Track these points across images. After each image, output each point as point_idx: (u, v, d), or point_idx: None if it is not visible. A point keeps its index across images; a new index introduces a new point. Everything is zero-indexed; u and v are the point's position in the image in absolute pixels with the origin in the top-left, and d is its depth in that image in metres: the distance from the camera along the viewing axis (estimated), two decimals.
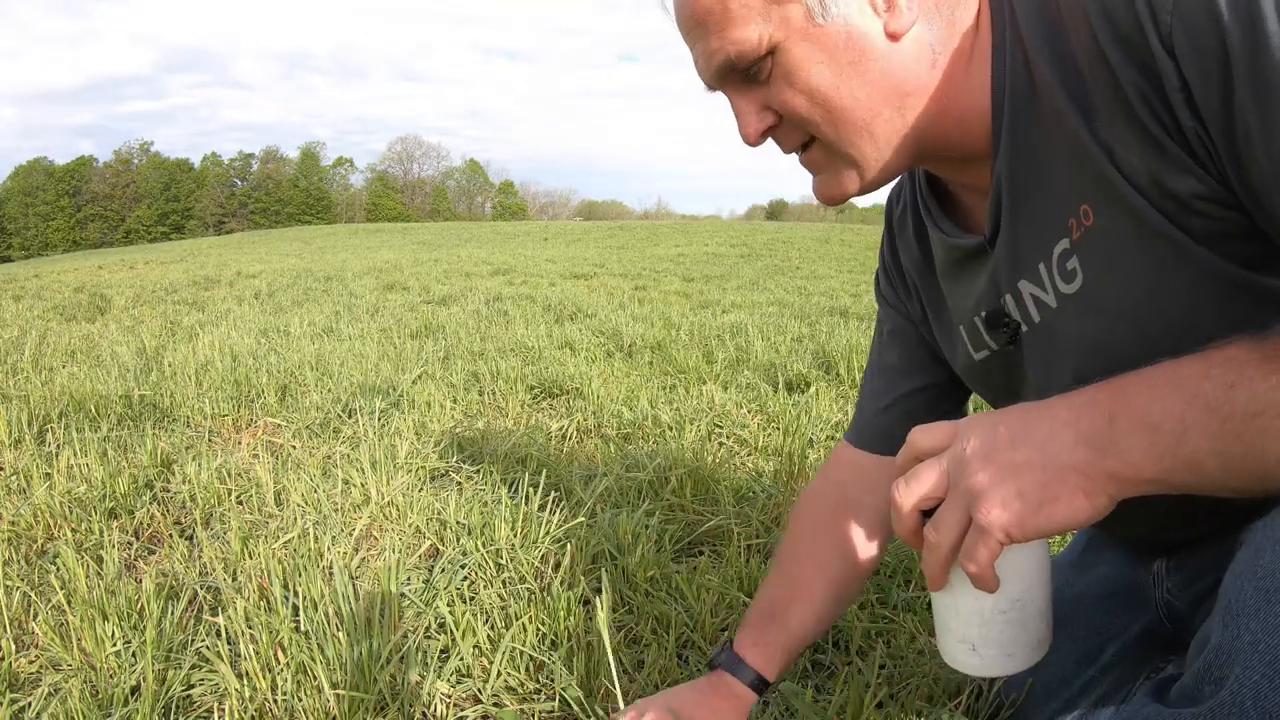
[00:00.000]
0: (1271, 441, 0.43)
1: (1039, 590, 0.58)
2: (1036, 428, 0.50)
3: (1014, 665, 0.59)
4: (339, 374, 2.63)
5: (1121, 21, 0.50)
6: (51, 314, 5.11)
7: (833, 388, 2.45)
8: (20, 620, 1.09)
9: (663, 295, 5.67)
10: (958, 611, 0.58)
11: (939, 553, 0.53)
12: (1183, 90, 0.48)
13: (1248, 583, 0.45)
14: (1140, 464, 0.46)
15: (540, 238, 20.01)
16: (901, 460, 0.57)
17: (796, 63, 0.59)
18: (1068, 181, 0.57)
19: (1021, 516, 0.49)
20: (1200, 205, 0.51)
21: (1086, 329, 0.61)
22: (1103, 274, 0.58)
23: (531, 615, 1.07)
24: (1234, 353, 0.45)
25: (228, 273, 8.69)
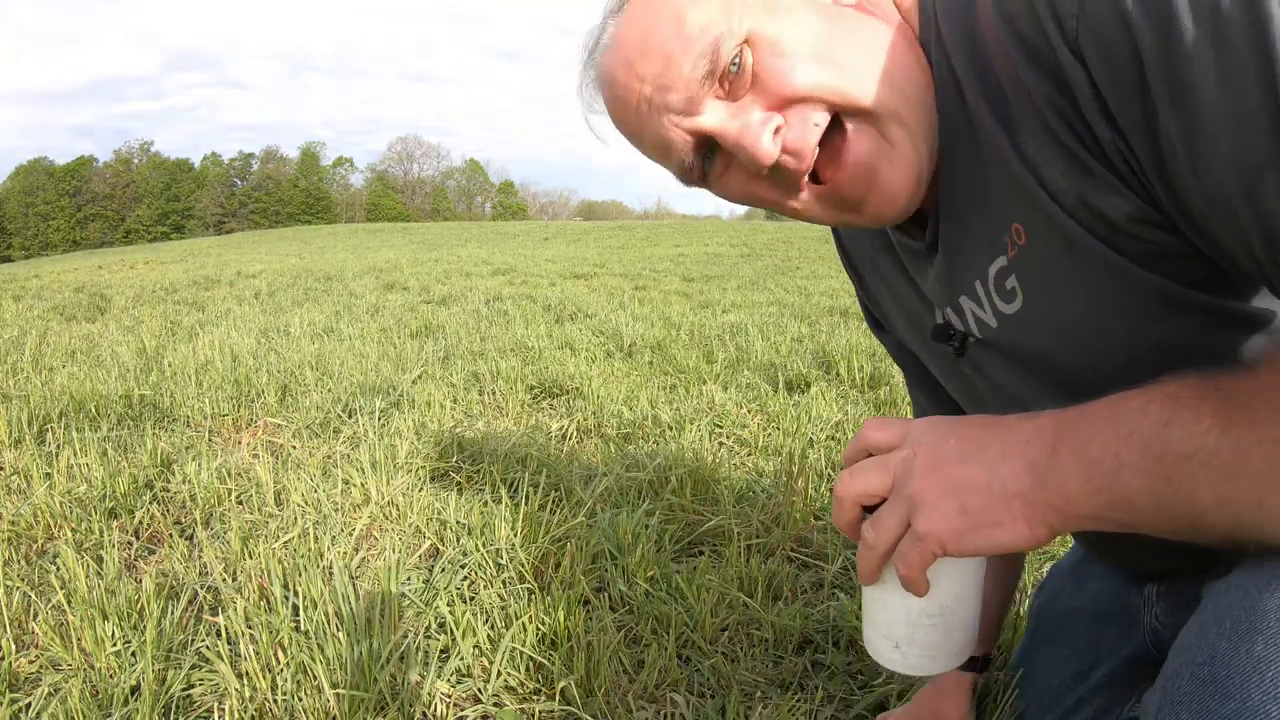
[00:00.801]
0: (1199, 487, 0.41)
1: (969, 600, 0.58)
2: (989, 447, 0.49)
3: (935, 667, 0.59)
4: (339, 374, 2.63)
5: (1026, 31, 0.47)
6: (52, 314, 5.11)
7: (833, 388, 2.45)
8: (20, 620, 1.09)
9: (663, 295, 5.66)
10: (885, 608, 0.59)
11: (874, 552, 0.53)
12: (1096, 100, 0.45)
13: (1185, 668, 0.43)
14: (1077, 498, 0.45)
15: (540, 238, 20.00)
16: (850, 451, 0.58)
17: (778, 33, 0.55)
18: (1001, 200, 0.54)
19: (960, 533, 0.49)
20: (1132, 227, 0.48)
21: (1029, 347, 0.60)
22: (1042, 293, 0.56)
23: (531, 615, 1.07)
24: (1175, 390, 0.43)
25: (228, 273, 8.69)
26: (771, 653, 1.05)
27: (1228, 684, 0.40)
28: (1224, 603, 0.43)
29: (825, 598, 1.18)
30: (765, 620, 1.09)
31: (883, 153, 0.56)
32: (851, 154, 0.56)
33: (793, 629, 1.07)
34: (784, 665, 1.03)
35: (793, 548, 1.33)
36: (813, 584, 1.23)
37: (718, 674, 1.00)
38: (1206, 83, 0.39)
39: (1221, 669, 0.41)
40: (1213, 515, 0.41)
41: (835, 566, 1.25)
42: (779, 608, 1.12)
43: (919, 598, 0.55)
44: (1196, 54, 0.39)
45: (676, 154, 0.60)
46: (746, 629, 1.09)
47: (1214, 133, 0.40)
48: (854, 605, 1.12)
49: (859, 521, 0.55)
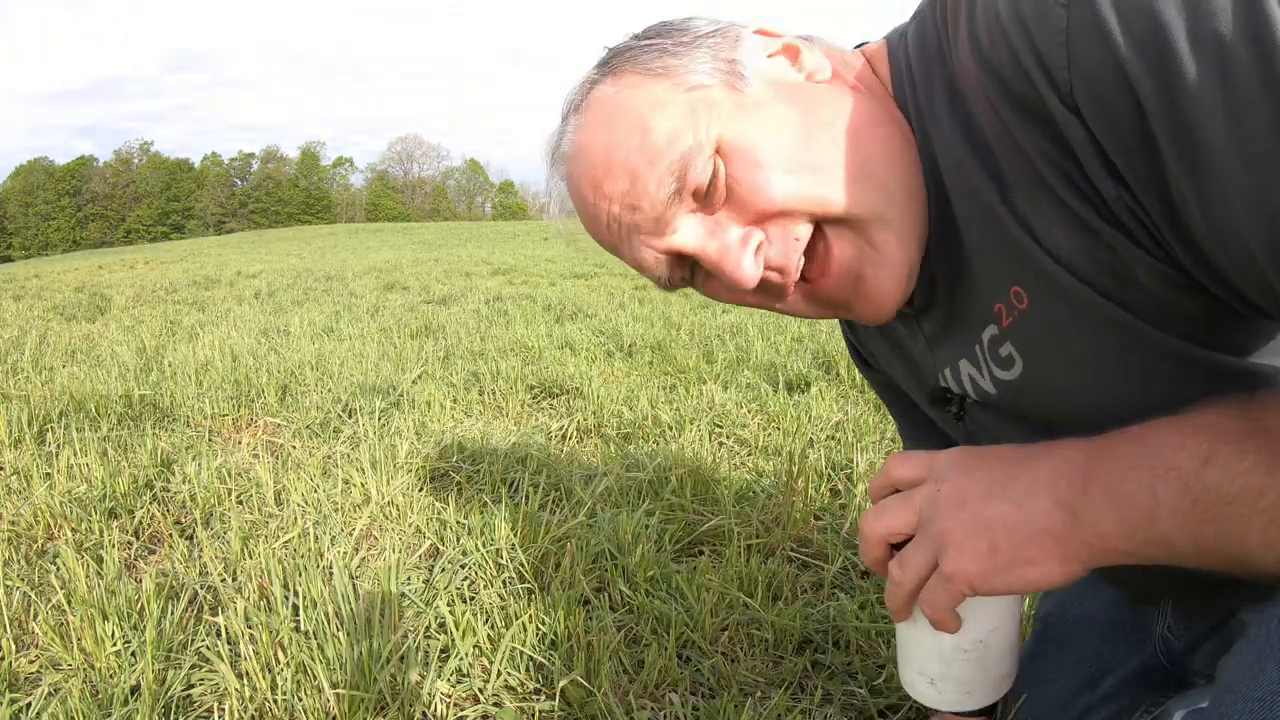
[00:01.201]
0: (1246, 530, 0.39)
1: (1004, 634, 0.57)
2: (1015, 481, 0.47)
3: (971, 703, 0.59)
4: (339, 374, 2.63)
5: (1013, 83, 0.44)
6: (52, 314, 5.11)
7: (833, 388, 2.45)
8: (20, 620, 1.09)
9: (662, 295, 5.66)
10: (919, 644, 0.58)
11: (902, 590, 0.52)
12: (1098, 155, 0.42)
13: (1241, 701, 0.41)
14: (1112, 537, 0.43)
15: (540, 237, 19.99)
16: (875, 487, 0.56)
17: (749, 139, 0.53)
18: (996, 263, 0.52)
19: (989, 573, 0.47)
20: (1140, 283, 0.45)
21: (1030, 411, 0.58)
22: (1044, 358, 0.53)
23: (531, 615, 1.07)
24: (1214, 420, 0.41)
25: (228, 272, 8.69)
26: (771, 653, 1.05)
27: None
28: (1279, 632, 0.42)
29: (825, 598, 1.18)
30: (765, 620, 1.09)
31: (866, 259, 0.54)
32: (835, 262, 0.55)
33: (793, 629, 1.07)
34: (784, 665, 1.03)
35: (793, 548, 1.33)
36: (813, 584, 1.23)
37: (718, 674, 1.00)
38: (1214, 126, 0.37)
39: None
40: (1260, 555, 0.39)
41: (835, 566, 1.25)
42: (779, 608, 1.12)
43: (953, 635, 0.54)
44: (1201, 96, 0.36)
45: (652, 271, 0.58)
46: (746, 629, 1.09)
47: (1226, 179, 0.37)
48: (854, 605, 1.12)
49: (886, 559, 0.54)
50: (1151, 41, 0.37)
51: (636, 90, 0.55)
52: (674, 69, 0.54)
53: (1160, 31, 0.37)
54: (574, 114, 0.58)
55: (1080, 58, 0.40)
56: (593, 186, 0.56)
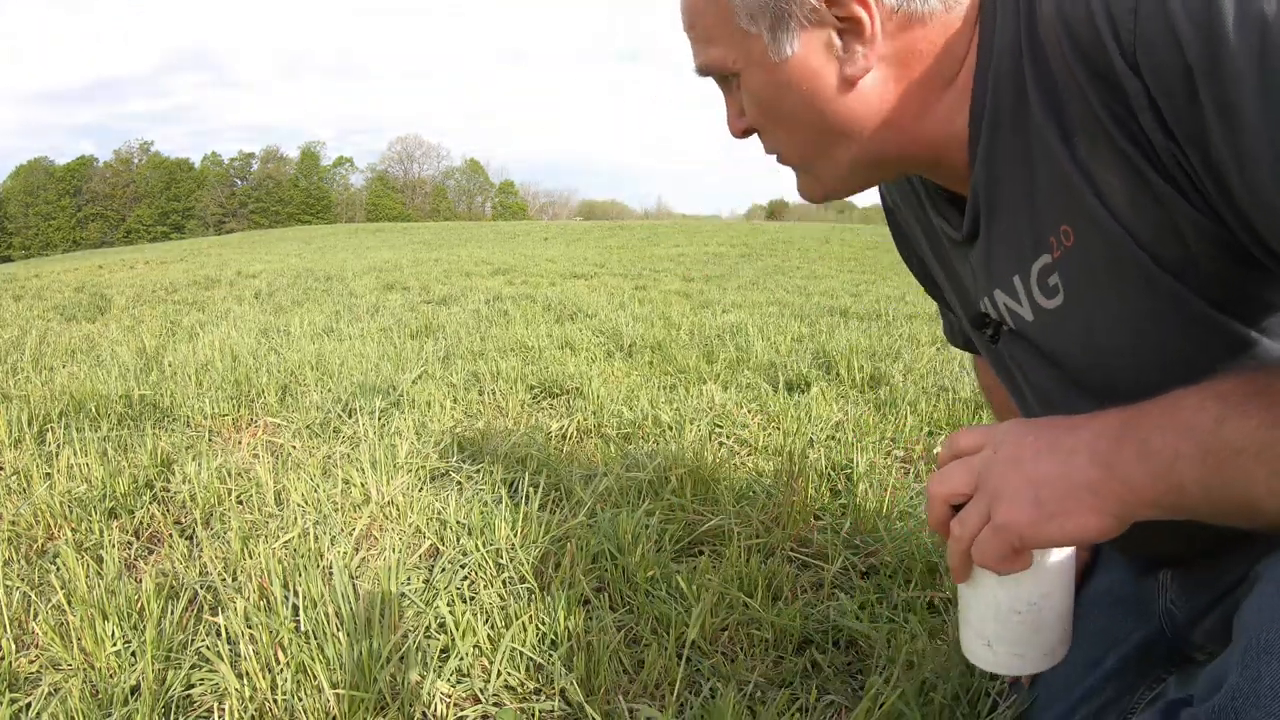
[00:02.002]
0: (1252, 480, 0.43)
1: (1057, 598, 0.59)
2: (1061, 443, 0.52)
3: (1024, 667, 0.61)
4: (339, 374, 2.63)
5: (1084, 37, 0.49)
6: (52, 313, 5.10)
7: (833, 388, 2.45)
8: (20, 620, 1.09)
9: (663, 295, 5.66)
10: (976, 605, 0.61)
11: (961, 545, 0.57)
12: (1152, 109, 0.46)
13: (1271, 623, 0.44)
14: (1139, 487, 0.48)
15: (540, 237, 20.00)
16: (943, 456, 0.61)
17: (755, 89, 0.63)
18: (1049, 199, 0.57)
19: (1035, 522, 0.51)
20: (1179, 234, 0.50)
21: (1058, 345, 0.63)
22: (1081, 295, 0.59)
23: (531, 615, 1.07)
24: (1228, 387, 0.45)
25: (228, 272, 8.69)
26: (771, 653, 1.05)
27: None
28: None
29: (825, 598, 1.18)
30: (765, 620, 1.09)
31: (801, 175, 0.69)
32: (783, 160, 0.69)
33: (793, 629, 1.07)
34: (784, 665, 1.03)
35: (793, 548, 1.33)
36: (813, 584, 1.23)
37: (718, 674, 0.99)
38: (1248, 98, 0.41)
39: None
40: (1266, 503, 0.43)
41: (835, 566, 1.25)
42: (779, 608, 1.12)
43: (1007, 593, 0.58)
44: (1240, 68, 0.41)
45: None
46: (746, 629, 1.09)
47: (1258, 146, 0.41)
48: (854, 605, 1.13)
49: (948, 519, 0.58)
50: (1204, 11, 0.42)
51: None
52: None
53: (1213, 2, 0.42)
54: None
55: (1144, 22, 0.45)
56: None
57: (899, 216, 0.86)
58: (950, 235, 0.71)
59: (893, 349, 2.99)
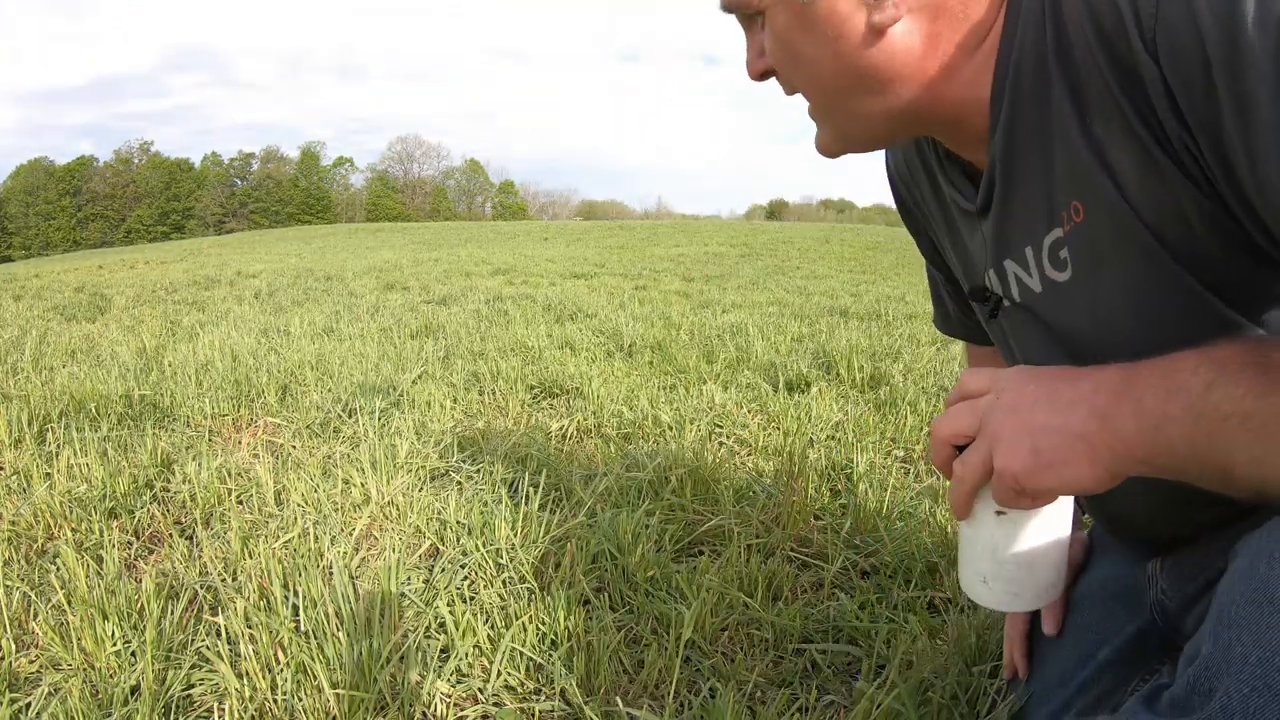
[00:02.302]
0: (1234, 445, 0.44)
1: (1052, 540, 0.62)
2: (1061, 394, 0.53)
3: (1019, 604, 0.64)
4: (339, 374, 2.63)
5: (1106, 19, 0.50)
6: (52, 313, 5.11)
7: (833, 388, 2.45)
8: (20, 620, 1.09)
9: (663, 295, 5.66)
10: (975, 543, 0.63)
11: (963, 485, 0.58)
12: (1167, 96, 0.47)
13: (1241, 594, 0.45)
14: (1131, 442, 0.49)
15: (540, 237, 20.00)
16: (951, 398, 0.62)
17: (780, 29, 0.63)
18: (1063, 173, 0.58)
19: (1032, 469, 0.53)
20: (1184, 216, 0.51)
21: (1062, 319, 0.65)
22: (1087, 271, 0.60)
23: (531, 615, 1.07)
24: (1222, 354, 0.46)
25: (228, 272, 8.69)
26: (771, 653, 1.05)
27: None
28: (1267, 542, 0.46)
29: (825, 598, 1.18)
30: (765, 620, 1.09)
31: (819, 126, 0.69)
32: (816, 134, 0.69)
33: (793, 629, 1.07)
34: (784, 665, 1.03)
35: (793, 548, 1.33)
36: (813, 584, 1.23)
37: (718, 674, 1.00)
38: (1264, 91, 0.42)
39: (1276, 589, 0.43)
40: (1243, 470, 0.44)
41: (835, 566, 1.25)
42: (779, 608, 1.12)
43: (1004, 534, 0.61)
44: (1256, 63, 0.42)
45: None
46: (746, 629, 1.09)
47: (1268, 147, 0.42)
48: (854, 605, 1.13)
49: (950, 459, 0.60)
50: (1226, 6, 0.43)
51: None
52: None
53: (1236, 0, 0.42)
54: None
55: (1166, 11, 0.46)
56: None
57: (908, 191, 0.86)
58: (963, 206, 0.72)
59: (893, 349, 2.99)
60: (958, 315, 0.94)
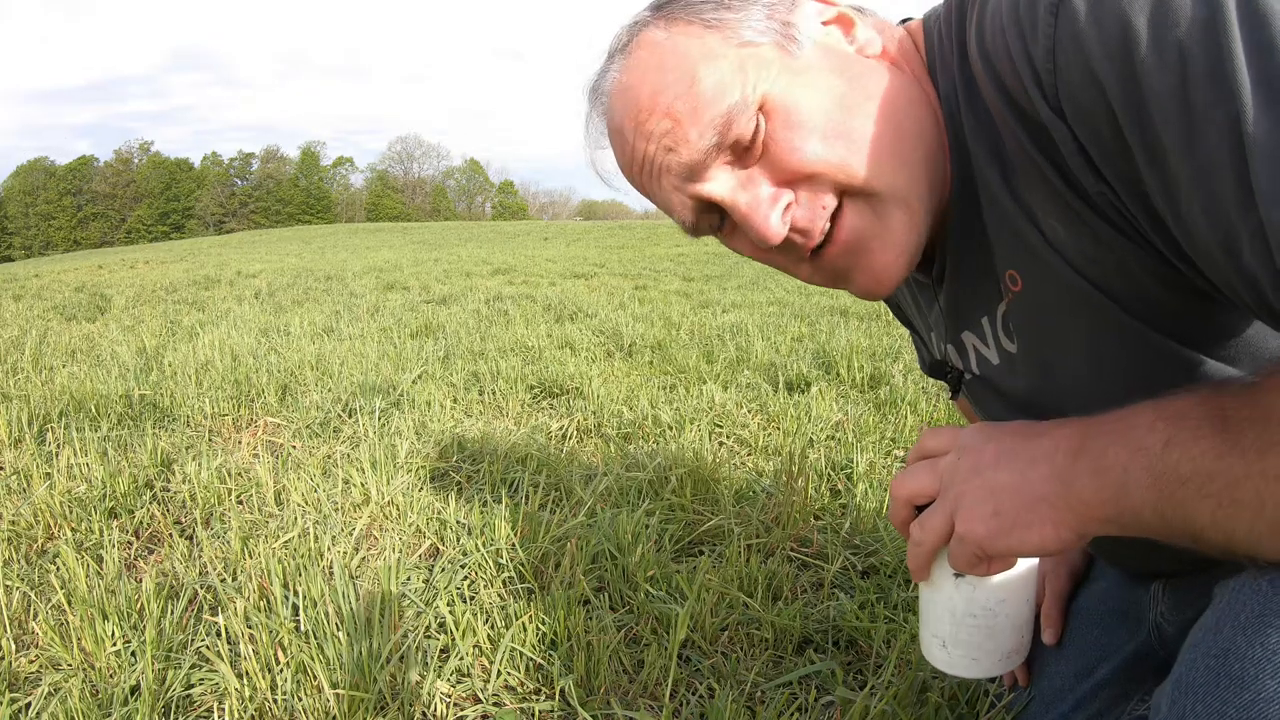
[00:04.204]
0: (1196, 509, 0.42)
1: (1015, 605, 0.60)
2: (1020, 453, 0.51)
3: (978, 670, 0.62)
4: (339, 374, 2.63)
5: (1008, 81, 0.47)
6: (52, 313, 5.10)
7: (833, 388, 2.45)
8: (20, 620, 1.09)
9: (663, 295, 5.66)
10: (934, 606, 0.61)
11: (922, 549, 0.56)
12: (1081, 153, 0.44)
13: (1202, 659, 0.44)
14: (1093, 504, 0.46)
15: (540, 237, 20.00)
16: (910, 457, 0.60)
17: (793, 101, 0.54)
18: (1000, 243, 0.55)
19: (994, 534, 0.50)
20: (1125, 271, 0.48)
21: (1020, 387, 0.62)
22: (1035, 338, 0.57)
23: (531, 615, 1.07)
24: (1182, 408, 0.43)
25: (228, 272, 8.69)
26: (771, 653, 1.05)
27: (1242, 675, 0.41)
28: (1238, 597, 0.44)
29: (825, 598, 1.18)
30: (765, 620, 1.09)
31: (875, 233, 0.57)
32: (845, 231, 0.57)
33: (793, 629, 1.07)
34: (784, 665, 1.03)
35: (793, 548, 1.33)
36: (813, 584, 1.23)
37: (717, 674, 1.00)
38: (1172, 133, 0.39)
39: (1236, 661, 0.42)
40: (1210, 534, 0.42)
41: (835, 566, 1.25)
42: (779, 608, 1.12)
43: (963, 596, 0.58)
44: (1161, 105, 0.39)
45: (678, 216, 0.60)
46: (746, 629, 1.09)
47: (1186, 191, 0.40)
48: (854, 605, 1.12)
49: (909, 520, 0.58)
50: (1120, 49, 0.39)
51: (689, 38, 0.55)
52: (728, 22, 0.55)
53: (1129, 40, 0.39)
54: (620, 54, 0.59)
55: (1063, 66, 0.42)
56: (634, 124, 0.57)
57: None
58: (919, 278, 0.69)
59: (893, 349, 2.98)
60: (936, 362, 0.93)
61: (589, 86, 0.63)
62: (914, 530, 0.56)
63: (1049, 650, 0.86)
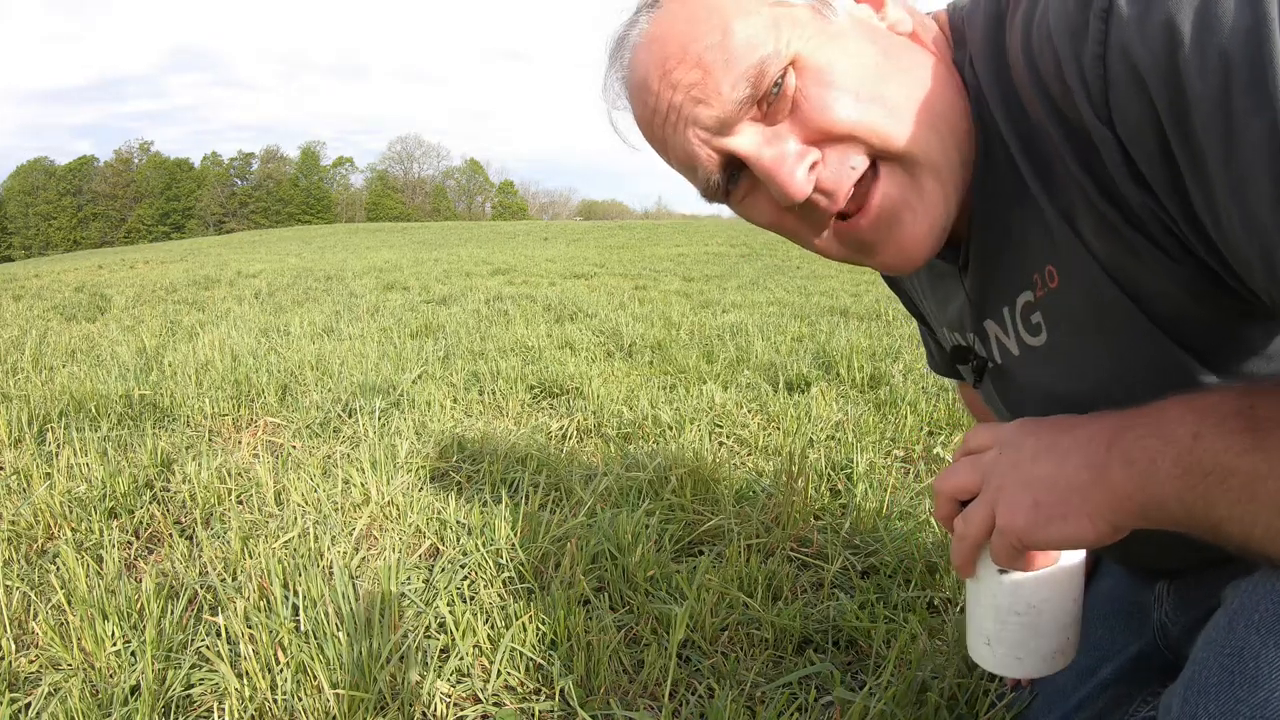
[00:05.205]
0: (1218, 502, 0.42)
1: (1060, 603, 0.59)
2: (1058, 445, 0.51)
3: (1021, 670, 0.61)
4: (339, 374, 2.63)
5: (1055, 91, 0.46)
6: (52, 313, 5.10)
7: (833, 388, 2.45)
8: (20, 620, 1.09)
9: (663, 295, 5.66)
10: (978, 603, 0.62)
11: (965, 543, 0.57)
12: (1126, 164, 0.44)
13: (1215, 657, 0.44)
14: (1123, 495, 0.46)
15: (540, 237, 20.01)
16: (956, 455, 0.61)
17: (826, 60, 0.53)
18: (1036, 240, 0.55)
19: (1032, 526, 0.51)
20: (1159, 283, 0.49)
21: (1043, 382, 0.62)
22: (1067, 337, 0.58)
23: (531, 615, 1.07)
24: (1213, 404, 0.44)
25: (228, 272, 8.69)
26: (771, 653, 1.05)
27: (1256, 675, 0.42)
28: (1252, 598, 0.45)
29: (825, 598, 1.17)
30: (765, 620, 1.09)
31: (909, 202, 0.55)
32: (878, 198, 0.55)
33: (793, 629, 1.07)
34: (784, 665, 1.03)
35: (793, 548, 1.33)
36: (813, 584, 1.23)
37: (717, 674, 1.00)
38: (1214, 142, 0.38)
39: (1250, 661, 0.42)
40: (1229, 527, 0.42)
41: (835, 566, 1.25)
42: (779, 608, 1.12)
43: (1008, 593, 0.59)
44: (1203, 113, 0.38)
45: (702, 171, 0.58)
46: (746, 629, 1.09)
47: (1224, 202, 0.40)
48: (853, 605, 1.12)
49: (953, 515, 0.58)
50: (1165, 55, 0.39)
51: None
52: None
53: (1174, 45, 0.39)
54: (651, 7, 0.57)
55: (1113, 71, 0.42)
56: (661, 73, 0.55)
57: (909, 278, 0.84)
58: (942, 268, 0.69)
59: (893, 349, 2.98)
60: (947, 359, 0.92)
61: (610, 41, 0.61)
62: (958, 525, 0.57)
63: None
